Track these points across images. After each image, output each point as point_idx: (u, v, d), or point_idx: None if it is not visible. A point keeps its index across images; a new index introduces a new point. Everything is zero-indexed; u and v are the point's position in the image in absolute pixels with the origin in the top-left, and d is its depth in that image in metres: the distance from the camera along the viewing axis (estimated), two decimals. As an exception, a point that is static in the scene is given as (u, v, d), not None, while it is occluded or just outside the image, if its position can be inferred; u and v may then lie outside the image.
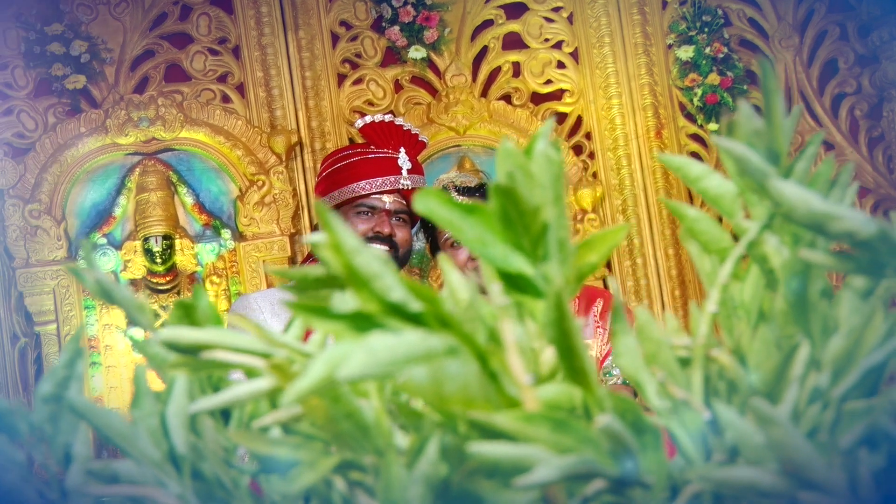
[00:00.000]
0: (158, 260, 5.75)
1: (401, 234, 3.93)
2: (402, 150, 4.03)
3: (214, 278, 5.86)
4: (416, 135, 4.12)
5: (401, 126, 4.09)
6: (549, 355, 0.91)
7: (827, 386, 0.93)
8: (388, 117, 4.12)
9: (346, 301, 0.83)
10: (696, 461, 0.94)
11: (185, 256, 5.84)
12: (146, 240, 5.76)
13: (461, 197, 3.94)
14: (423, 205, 0.92)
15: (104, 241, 5.84)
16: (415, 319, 0.81)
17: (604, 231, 1.05)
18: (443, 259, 1.00)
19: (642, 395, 0.97)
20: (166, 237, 5.76)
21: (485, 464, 0.77)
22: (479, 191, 3.97)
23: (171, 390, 1.03)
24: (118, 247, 5.84)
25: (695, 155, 6.16)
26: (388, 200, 3.94)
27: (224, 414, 1.09)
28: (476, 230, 0.92)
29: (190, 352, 0.92)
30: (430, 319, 0.81)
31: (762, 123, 0.94)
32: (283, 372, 0.88)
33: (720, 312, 1.08)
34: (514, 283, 0.93)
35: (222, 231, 5.88)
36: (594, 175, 6.13)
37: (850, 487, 0.89)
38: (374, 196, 3.94)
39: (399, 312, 0.80)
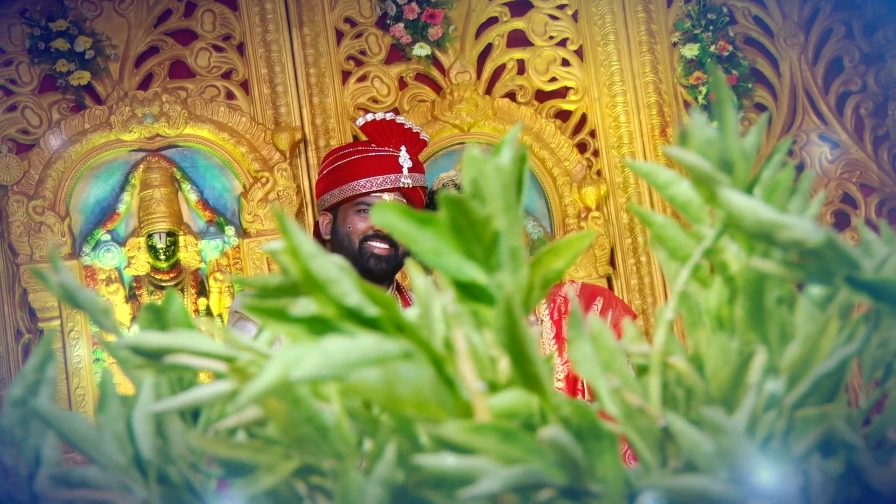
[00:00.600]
0: (162, 256, 5.77)
1: (401, 233, 3.93)
2: (403, 148, 4.04)
3: (218, 275, 5.87)
4: (417, 133, 4.13)
5: (402, 124, 4.10)
6: (506, 363, 0.92)
7: (783, 393, 0.95)
8: (389, 115, 4.13)
9: (305, 306, 0.84)
10: (653, 468, 0.95)
11: (189, 253, 5.86)
12: (150, 236, 5.77)
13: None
14: (380, 217, 0.94)
15: (108, 237, 5.86)
16: (371, 324, 0.82)
17: (569, 237, 1.06)
18: (410, 263, 1.01)
19: (600, 402, 0.99)
20: (170, 234, 5.78)
21: (431, 475, 0.79)
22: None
23: (139, 395, 1.05)
24: (122, 243, 5.86)
25: (699, 153, 6.16)
26: (388, 199, 3.96)
27: (195, 415, 1.10)
28: (431, 241, 0.93)
29: (156, 355, 0.93)
30: (386, 324, 0.82)
31: (715, 132, 0.95)
32: (245, 375, 0.90)
33: (687, 319, 1.10)
34: (470, 291, 0.94)
35: (226, 228, 5.90)
36: (598, 173, 6.14)
37: (803, 495, 0.91)
38: (374, 194, 3.96)
39: (355, 317, 0.82)
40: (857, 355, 0.92)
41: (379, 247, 3.90)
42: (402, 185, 3.96)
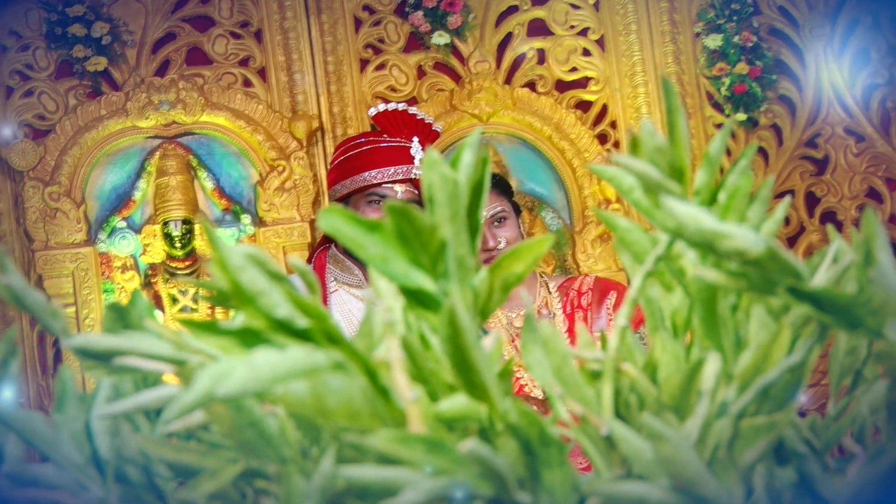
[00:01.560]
0: (178, 244, 5.80)
1: (412, 225, 3.95)
2: (416, 139, 4.06)
3: (233, 264, 5.89)
4: (430, 124, 4.15)
5: (414, 115, 4.12)
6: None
7: (732, 401, 0.96)
8: (401, 106, 4.15)
9: (239, 319, 0.86)
10: (604, 474, 0.97)
11: (205, 241, 5.89)
12: (166, 224, 5.80)
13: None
14: (327, 222, 0.95)
15: (123, 224, 5.89)
16: (302, 335, 0.84)
17: (529, 241, 1.07)
18: (373, 271, 1.02)
19: (552, 408, 1.00)
20: (186, 221, 5.81)
21: (356, 485, 0.80)
22: (491, 181, 3.99)
23: (97, 394, 1.07)
24: (137, 230, 5.89)
25: (721, 145, 6.15)
26: (399, 190, 3.98)
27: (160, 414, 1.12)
28: (378, 247, 0.95)
29: (105, 357, 0.95)
30: (318, 335, 0.84)
31: (664, 140, 0.96)
32: (189, 378, 0.92)
33: (649, 324, 1.11)
34: (418, 298, 0.96)
35: (242, 216, 5.92)
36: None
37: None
38: (385, 185, 3.98)
39: (286, 328, 0.83)
40: (800, 366, 0.93)
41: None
42: (413, 177, 3.98)
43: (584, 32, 6.24)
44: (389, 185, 3.97)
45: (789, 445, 0.97)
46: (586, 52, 6.24)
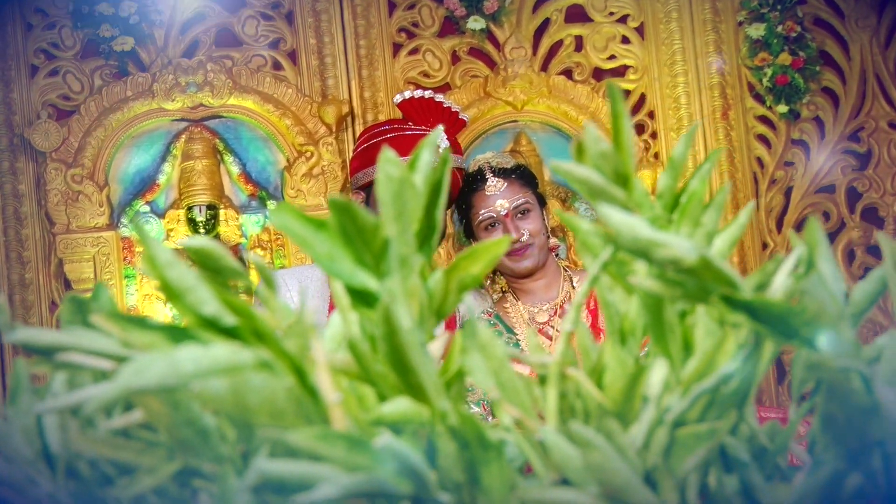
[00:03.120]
0: (202, 230, 5.84)
1: (436, 215, 3.97)
2: (441, 127, 4.07)
3: (259, 251, 5.94)
4: (457, 113, 4.16)
5: (441, 103, 4.14)
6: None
7: (678, 408, 0.98)
8: (427, 93, 4.17)
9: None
10: (543, 478, 0.99)
11: (230, 227, 5.93)
12: (190, 209, 5.85)
13: (496, 178, 3.99)
14: (277, 219, 0.98)
15: (147, 208, 5.93)
16: (231, 333, 0.87)
17: (486, 243, 1.10)
18: (337, 287, 1.05)
19: (494, 411, 1.03)
20: (210, 207, 5.85)
21: (272, 479, 0.83)
22: (516, 172, 4.02)
23: (49, 387, 1.10)
24: (161, 215, 5.93)
25: (762, 138, 6.16)
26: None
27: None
28: (325, 246, 0.98)
29: (49, 352, 0.99)
30: (246, 333, 0.87)
31: (608, 146, 0.99)
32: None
33: (607, 328, 1.14)
34: (363, 298, 0.99)
35: (268, 202, 5.96)
36: (655, 156, 6.14)
37: (680, 512, 0.95)
38: (409, 174, 3.99)
39: (213, 326, 0.86)
40: (736, 374, 0.95)
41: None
42: (437, 166, 3.99)
43: (623, 19, 6.25)
44: (412, 174, 3.98)
45: (732, 453, 0.99)
46: (625, 40, 6.24)
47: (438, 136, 1.11)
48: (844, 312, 0.98)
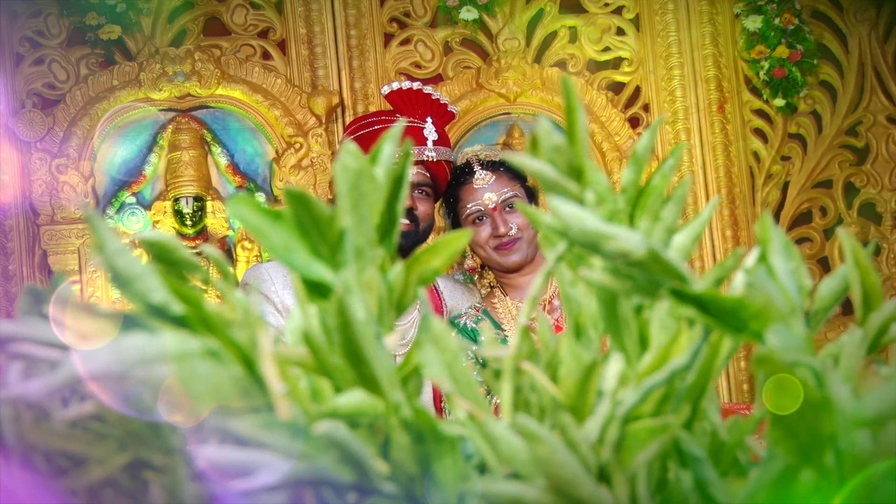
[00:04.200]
0: (188, 222, 5.85)
1: (423, 208, 3.99)
2: (429, 119, 4.08)
3: (246, 243, 5.96)
4: (445, 105, 4.17)
5: (429, 95, 4.14)
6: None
7: (632, 403, 1.00)
8: (416, 85, 4.17)
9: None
10: (496, 472, 1.01)
11: (217, 219, 5.94)
12: (176, 200, 5.85)
13: (484, 171, 4.00)
14: (233, 210, 1.00)
15: (133, 200, 5.94)
16: (179, 321, 0.89)
17: (447, 236, 1.12)
18: (297, 282, 1.07)
19: (448, 405, 1.05)
20: (197, 198, 5.86)
21: (214, 466, 0.85)
22: (504, 165, 4.03)
23: (6, 377, 1.12)
24: (147, 207, 5.94)
25: (758, 132, 6.17)
26: (411, 172, 4.00)
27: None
28: (281, 237, 0.99)
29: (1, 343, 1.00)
30: (194, 322, 0.89)
31: (562, 139, 1.01)
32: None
33: (568, 322, 1.15)
34: (319, 290, 1.01)
35: (256, 194, 5.96)
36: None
37: (631, 506, 0.96)
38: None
39: (161, 314, 0.88)
40: (689, 369, 0.97)
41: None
42: (425, 159, 4.00)
43: (618, 11, 6.26)
44: (400, 166, 3.99)
45: (685, 448, 1.01)
46: (620, 32, 6.26)
47: (400, 129, 1.13)
48: (796, 307, 0.99)
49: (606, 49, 6.26)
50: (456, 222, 4.11)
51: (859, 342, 1.10)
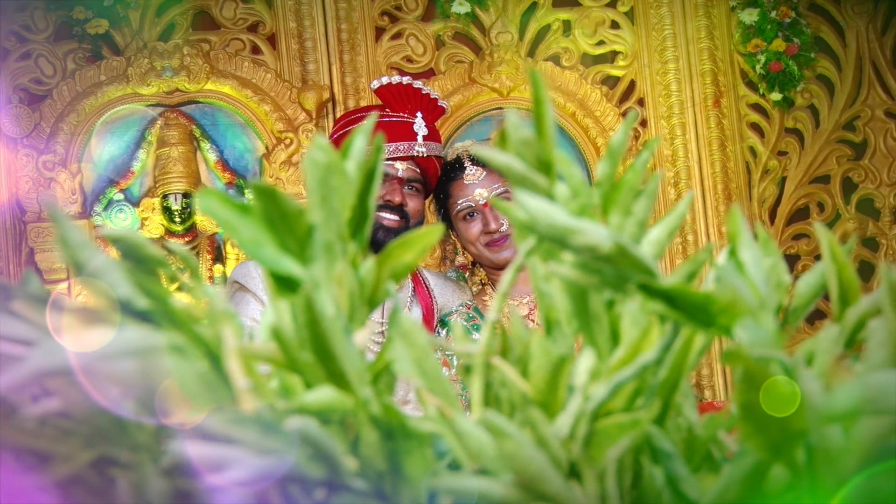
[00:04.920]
0: (177, 219, 5.85)
1: (413, 204, 3.99)
2: (419, 114, 4.09)
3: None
4: (436, 99, 4.17)
5: (419, 89, 4.14)
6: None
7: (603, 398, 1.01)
8: (406, 79, 4.17)
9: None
10: (465, 467, 1.02)
11: (206, 217, 5.92)
12: (165, 197, 5.85)
13: (475, 167, 4.01)
14: (203, 204, 1.01)
15: (121, 196, 5.94)
16: (144, 317, 0.89)
17: (418, 231, 1.13)
18: (267, 277, 1.08)
19: (419, 400, 1.05)
20: (186, 195, 5.86)
21: (181, 462, 0.86)
22: (495, 160, 4.03)
23: (-26, 374, 1.13)
24: (135, 203, 5.94)
25: (755, 126, 6.18)
26: (400, 168, 4.01)
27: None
28: (251, 231, 1.00)
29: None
30: (159, 317, 0.89)
31: (530, 133, 1.01)
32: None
33: (542, 317, 1.16)
34: (289, 285, 1.01)
35: (246, 191, 5.97)
36: (645, 145, 6.14)
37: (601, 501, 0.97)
38: (386, 162, 4.00)
39: (126, 309, 0.89)
40: (655, 363, 0.98)
41: (388, 218, 3.95)
42: (415, 154, 4.00)
43: (612, 4, 6.27)
44: (390, 162, 4.00)
45: (657, 444, 1.02)
46: (615, 25, 6.27)
47: (371, 123, 1.14)
48: (766, 301, 1.00)
49: (601, 43, 6.26)
50: (446, 218, 4.11)
51: (836, 338, 1.10)
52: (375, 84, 4.16)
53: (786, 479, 1.00)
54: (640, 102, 6.21)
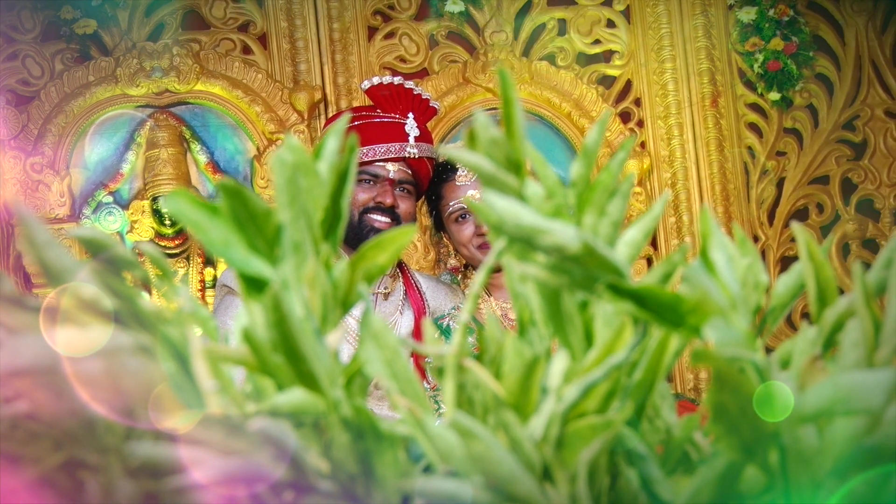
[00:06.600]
0: (167, 222, 5.85)
1: (404, 206, 4.01)
2: (411, 115, 4.09)
3: (227, 243, 5.95)
4: (427, 100, 4.18)
5: (410, 90, 4.15)
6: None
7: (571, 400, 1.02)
8: (397, 80, 4.18)
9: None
10: (438, 469, 1.03)
11: (175, 218, 5.91)
12: (155, 199, 5.85)
13: (465, 168, 4.02)
14: (172, 205, 1.02)
15: (110, 199, 5.93)
16: (111, 316, 0.90)
17: (392, 232, 1.14)
18: (237, 278, 1.09)
19: (390, 402, 1.07)
20: (177, 197, 5.84)
21: (147, 463, 0.87)
22: (488, 161, 4.04)
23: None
24: (125, 206, 5.93)
25: (753, 126, 6.19)
26: (392, 169, 4.02)
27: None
28: (220, 232, 1.01)
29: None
30: (126, 317, 0.90)
31: (500, 133, 1.02)
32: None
33: (518, 318, 1.17)
34: (258, 286, 1.02)
35: (237, 193, 5.95)
36: (642, 145, 6.17)
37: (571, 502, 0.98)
38: (377, 163, 4.01)
39: (93, 309, 0.90)
40: (630, 364, 0.99)
41: (379, 220, 3.96)
42: (407, 155, 4.01)
43: (608, 2, 6.28)
44: (381, 163, 4.00)
45: (630, 446, 1.03)
46: (610, 24, 6.28)
47: (344, 122, 1.15)
48: (737, 302, 1.01)
49: (596, 42, 6.27)
50: (438, 220, 4.12)
51: (813, 339, 1.12)
52: (366, 84, 4.17)
53: (762, 480, 1.01)
54: (637, 102, 6.22)
